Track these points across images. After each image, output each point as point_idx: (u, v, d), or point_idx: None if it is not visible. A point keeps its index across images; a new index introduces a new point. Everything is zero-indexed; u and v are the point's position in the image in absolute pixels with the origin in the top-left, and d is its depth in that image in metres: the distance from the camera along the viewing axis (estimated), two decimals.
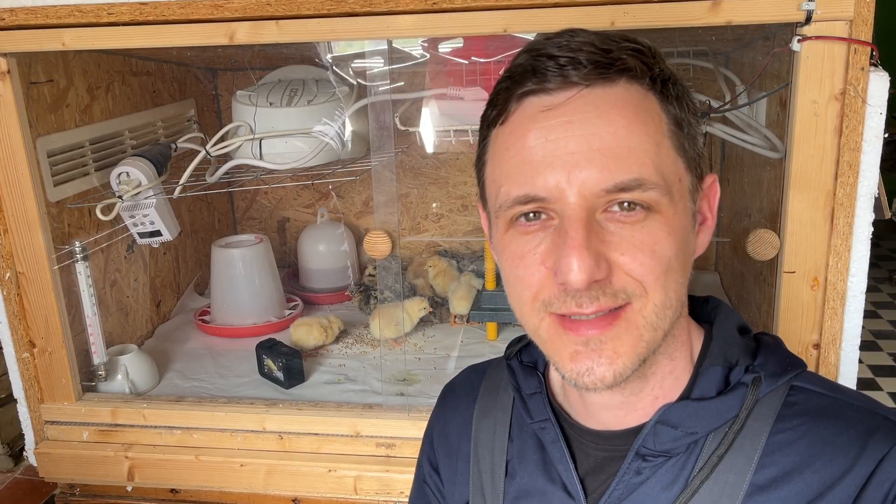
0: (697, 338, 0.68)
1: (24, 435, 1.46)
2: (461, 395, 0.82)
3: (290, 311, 1.88)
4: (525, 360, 0.75)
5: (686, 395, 0.65)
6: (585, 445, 0.68)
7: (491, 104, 0.64)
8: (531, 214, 0.60)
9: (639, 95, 0.59)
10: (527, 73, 0.60)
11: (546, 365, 0.75)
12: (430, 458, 0.84)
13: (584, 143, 0.57)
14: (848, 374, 1.18)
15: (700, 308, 0.72)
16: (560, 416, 0.70)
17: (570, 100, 0.58)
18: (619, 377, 0.59)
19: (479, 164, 0.67)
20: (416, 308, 1.69)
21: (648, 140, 0.58)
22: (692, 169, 0.63)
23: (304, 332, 1.68)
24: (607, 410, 0.67)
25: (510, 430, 0.74)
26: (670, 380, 0.66)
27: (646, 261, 0.58)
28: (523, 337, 0.78)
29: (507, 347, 0.78)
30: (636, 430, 0.65)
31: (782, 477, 0.60)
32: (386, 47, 1.34)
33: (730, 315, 0.70)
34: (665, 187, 0.59)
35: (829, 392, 0.64)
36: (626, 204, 0.58)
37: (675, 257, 0.59)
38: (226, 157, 1.61)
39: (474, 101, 1.47)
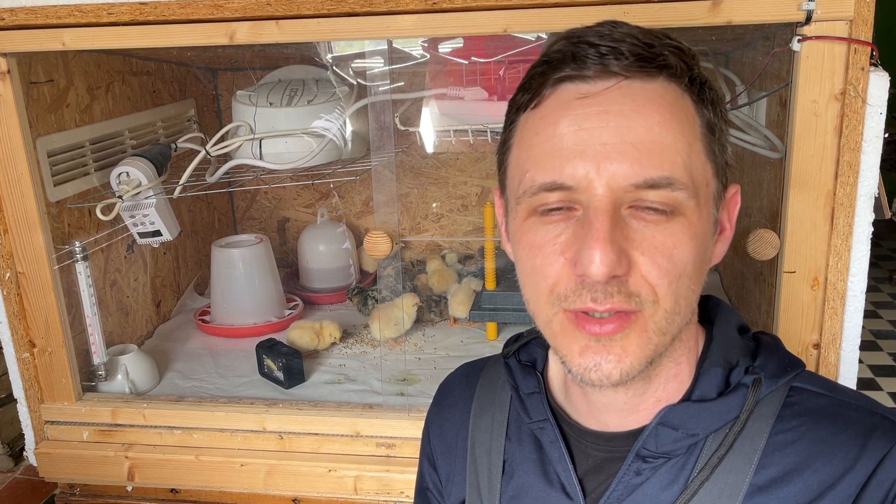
0: (700, 339, 0.68)
1: (24, 435, 1.46)
2: (458, 392, 0.82)
3: (290, 311, 1.88)
4: (523, 358, 0.75)
5: (687, 397, 0.65)
6: (584, 446, 0.68)
7: (523, 89, 0.63)
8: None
9: (676, 94, 0.59)
10: (566, 59, 0.59)
11: (545, 364, 0.74)
12: (429, 455, 0.84)
13: (617, 135, 0.56)
14: (848, 374, 1.18)
15: (700, 308, 0.71)
16: (559, 417, 0.70)
17: (607, 90, 0.57)
18: (626, 376, 0.59)
19: (504, 148, 0.65)
20: (409, 304, 1.69)
21: (682, 140, 0.58)
22: (719, 176, 0.62)
23: (298, 336, 1.69)
24: (610, 411, 0.67)
25: (507, 430, 0.74)
26: (674, 383, 0.65)
27: (663, 264, 0.57)
28: (520, 335, 0.77)
29: (505, 346, 0.77)
30: (636, 432, 0.65)
31: (782, 477, 0.60)
32: (386, 47, 1.34)
33: (730, 315, 0.70)
34: (693, 189, 0.58)
35: (828, 392, 0.64)
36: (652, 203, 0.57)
37: (692, 263, 0.59)
38: (226, 157, 1.61)
39: (474, 101, 1.47)
